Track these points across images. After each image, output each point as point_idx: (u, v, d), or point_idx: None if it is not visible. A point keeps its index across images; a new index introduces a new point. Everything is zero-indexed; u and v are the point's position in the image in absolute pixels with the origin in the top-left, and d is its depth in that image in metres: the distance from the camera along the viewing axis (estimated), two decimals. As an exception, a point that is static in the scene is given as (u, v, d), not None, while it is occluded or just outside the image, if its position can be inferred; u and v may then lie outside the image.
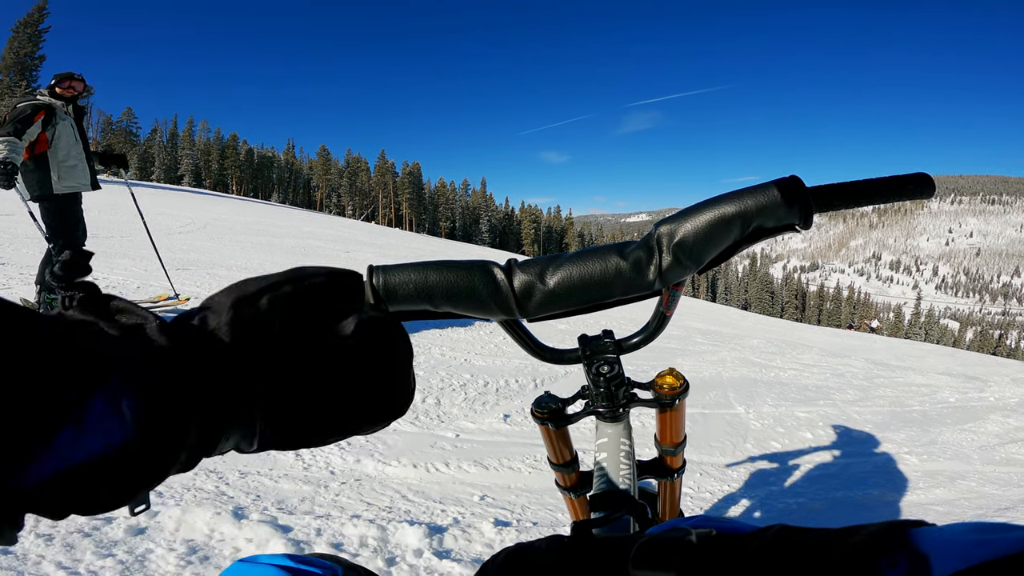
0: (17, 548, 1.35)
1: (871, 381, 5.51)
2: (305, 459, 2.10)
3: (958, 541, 0.15)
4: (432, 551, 1.55)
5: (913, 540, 0.16)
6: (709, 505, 2.18)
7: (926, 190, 0.50)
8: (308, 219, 24.30)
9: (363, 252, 12.59)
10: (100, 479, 0.19)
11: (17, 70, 35.59)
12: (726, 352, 6.15)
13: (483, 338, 4.56)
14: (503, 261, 0.50)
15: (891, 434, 3.53)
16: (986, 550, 0.15)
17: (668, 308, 0.57)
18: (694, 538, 0.23)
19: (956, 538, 0.16)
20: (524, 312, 0.50)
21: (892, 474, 2.83)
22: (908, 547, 0.16)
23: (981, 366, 8.51)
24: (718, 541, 0.22)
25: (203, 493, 1.74)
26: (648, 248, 0.48)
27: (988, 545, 0.15)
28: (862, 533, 0.18)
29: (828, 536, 0.19)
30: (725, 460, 2.69)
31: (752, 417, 3.46)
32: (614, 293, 0.49)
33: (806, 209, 0.47)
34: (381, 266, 0.49)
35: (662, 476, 0.79)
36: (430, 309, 0.50)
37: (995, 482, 2.82)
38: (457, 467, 2.18)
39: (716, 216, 0.46)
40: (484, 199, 77.58)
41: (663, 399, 0.67)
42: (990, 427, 4.00)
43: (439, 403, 2.89)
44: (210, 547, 1.46)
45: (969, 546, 0.15)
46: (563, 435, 0.73)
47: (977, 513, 2.38)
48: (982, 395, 5.41)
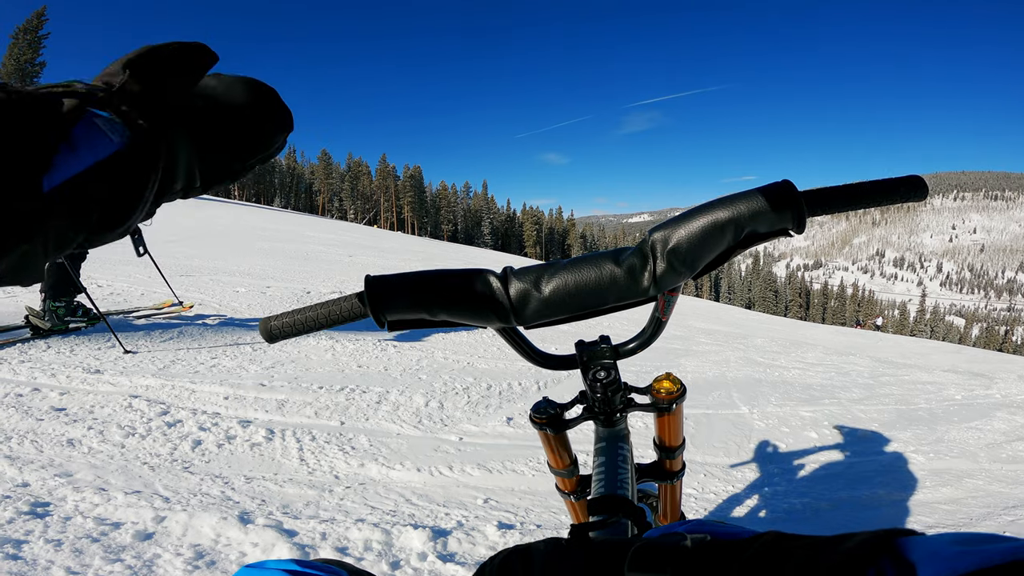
0: (27, 553, 1.36)
1: (876, 379, 5.48)
2: (309, 464, 2.11)
3: (944, 551, 0.16)
4: (436, 554, 1.55)
5: (901, 549, 0.17)
6: (714, 506, 2.17)
7: (919, 193, 0.50)
8: (310, 224, 24.35)
9: (366, 256, 12.61)
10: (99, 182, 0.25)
11: (18, 77, 35.80)
12: (730, 352, 6.13)
13: (486, 341, 4.56)
14: (499, 269, 0.50)
15: (897, 433, 3.51)
16: (971, 560, 0.15)
17: (664, 313, 0.58)
18: (689, 543, 0.23)
19: (942, 548, 0.16)
20: (520, 320, 0.50)
21: (898, 473, 2.82)
22: (896, 556, 0.16)
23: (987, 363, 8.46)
24: (712, 547, 0.23)
25: (209, 498, 1.75)
26: (642, 255, 0.48)
27: (973, 556, 0.15)
28: (852, 541, 0.18)
29: (819, 544, 0.19)
30: (729, 461, 2.68)
31: (756, 417, 3.45)
32: (609, 300, 0.50)
33: (799, 214, 0.47)
34: (378, 276, 0.50)
35: (662, 479, 0.80)
36: (427, 318, 0.51)
37: (1002, 480, 2.81)
38: (461, 470, 2.19)
39: (709, 222, 0.47)
40: (486, 201, 77.62)
41: (660, 404, 0.68)
42: (997, 424, 3.98)
43: (442, 407, 2.89)
44: (216, 552, 1.47)
45: (955, 556, 0.15)
46: (562, 440, 0.73)
47: (984, 512, 2.37)
48: (988, 392, 5.38)
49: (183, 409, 2.45)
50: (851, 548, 0.18)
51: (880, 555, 0.17)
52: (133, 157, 0.26)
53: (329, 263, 10.10)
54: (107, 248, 6.48)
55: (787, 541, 0.21)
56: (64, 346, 3.15)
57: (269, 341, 0.54)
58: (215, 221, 15.94)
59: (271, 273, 7.47)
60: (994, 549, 0.15)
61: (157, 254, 4.90)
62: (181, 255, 7.96)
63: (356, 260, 11.34)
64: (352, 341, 3.97)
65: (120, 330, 3.46)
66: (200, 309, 4.54)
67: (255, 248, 10.50)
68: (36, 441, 2.01)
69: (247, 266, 7.77)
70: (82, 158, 0.24)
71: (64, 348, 3.11)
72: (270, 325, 0.53)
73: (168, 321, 4.02)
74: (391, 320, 0.51)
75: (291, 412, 2.58)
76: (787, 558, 0.19)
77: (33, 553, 1.37)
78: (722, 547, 0.23)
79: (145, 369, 2.91)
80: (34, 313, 3.33)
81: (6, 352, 2.94)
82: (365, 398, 2.88)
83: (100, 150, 0.25)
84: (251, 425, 2.37)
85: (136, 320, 3.95)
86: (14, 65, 35.88)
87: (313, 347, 3.73)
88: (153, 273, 4.99)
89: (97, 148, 0.25)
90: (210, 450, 2.12)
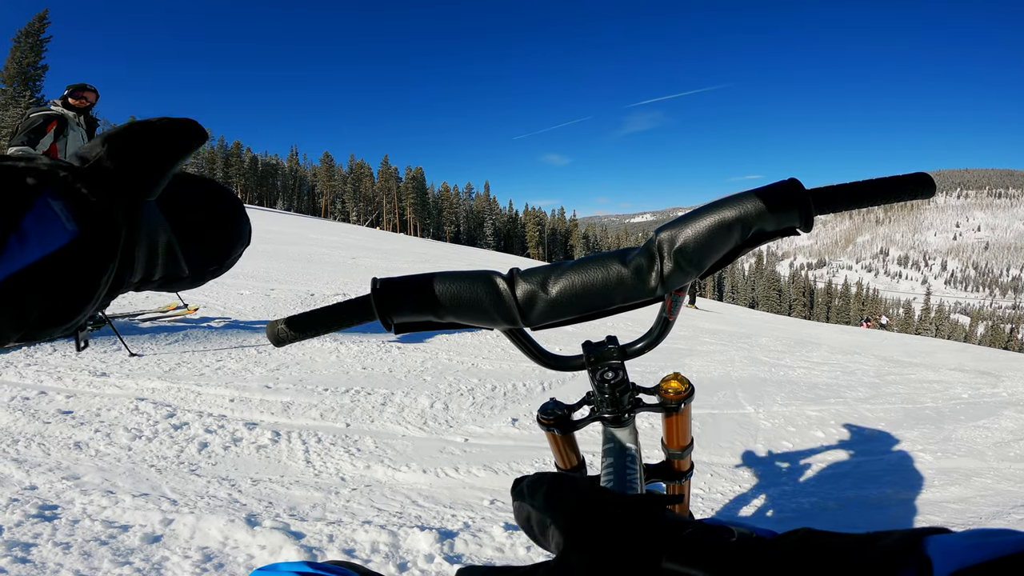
0: (36, 557, 1.37)
1: (882, 378, 5.46)
2: (316, 466, 2.11)
3: (957, 544, 0.17)
4: (443, 556, 1.55)
5: (924, 547, 0.17)
6: (721, 506, 2.17)
7: (926, 190, 0.50)
8: (313, 226, 24.42)
9: (369, 258, 12.64)
10: (46, 277, 0.22)
11: (20, 80, 35.95)
12: (734, 351, 6.11)
13: (490, 342, 4.56)
14: (505, 271, 0.50)
15: (904, 432, 3.49)
16: (982, 552, 0.16)
17: (671, 313, 0.58)
18: (735, 537, 0.23)
19: (956, 542, 0.17)
20: (527, 321, 0.50)
21: (906, 472, 2.80)
22: (920, 554, 0.17)
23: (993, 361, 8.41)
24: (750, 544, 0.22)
25: (216, 501, 1.76)
26: (649, 254, 0.48)
27: (985, 548, 0.16)
28: (886, 540, 0.19)
29: (852, 542, 0.20)
30: (736, 460, 2.67)
31: (762, 417, 3.44)
32: (616, 300, 0.50)
33: (806, 212, 0.47)
34: (385, 279, 0.50)
35: (670, 479, 0.79)
36: (434, 320, 0.51)
37: (1011, 479, 2.79)
38: (467, 472, 2.19)
39: (716, 221, 0.47)
40: (488, 202, 77.67)
41: (668, 403, 0.68)
42: (1004, 423, 3.95)
43: (447, 408, 2.89)
44: (224, 554, 1.48)
45: (967, 549, 0.16)
46: (569, 440, 0.73)
47: (993, 511, 2.35)
48: (995, 390, 5.34)
49: (189, 411, 2.46)
50: (886, 546, 0.18)
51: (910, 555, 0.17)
52: (90, 247, 0.23)
53: (332, 265, 10.13)
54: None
55: (819, 539, 0.21)
56: (70, 349, 3.16)
57: (276, 344, 0.54)
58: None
59: (275, 276, 7.49)
60: (1005, 540, 0.16)
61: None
62: (185, 258, 7.98)
63: (359, 262, 11.36)
64: (356, 343, 3.98)
65: (125, 333, 3.47)
66: (204, 312, 4.55)
67: (258, 251, 10.53)
68: (43, 444, 2.02)
69: (250, 269, 7.80)
70: (29, 251, 0.21)
71: (70, 351, 3.13)
72: (277, 328, 0.53)
73: (173, 324, 4.04)
74: (398, 322, 0.51)
75: (297, 414, 2.59)
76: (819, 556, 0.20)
77: (42, 556, 1.37)
78: (755, 544, 0.22)
79: (151, 372, 2.92)
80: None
81: (13, 355, 2.96)
82: (370, 400, 2.88)
83: (52, 240, 0.22)
84: (257, 427, 2.38)
85: (141, 323, 3.97)
86: (16, 68, 36.05)
87: (318, 349, 3.74)
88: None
89: (48, 239, 0.22)
90: (216, 452, 2.13)
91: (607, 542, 0.25)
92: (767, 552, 0.21)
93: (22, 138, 3.26)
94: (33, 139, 3.28)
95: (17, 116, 34.78)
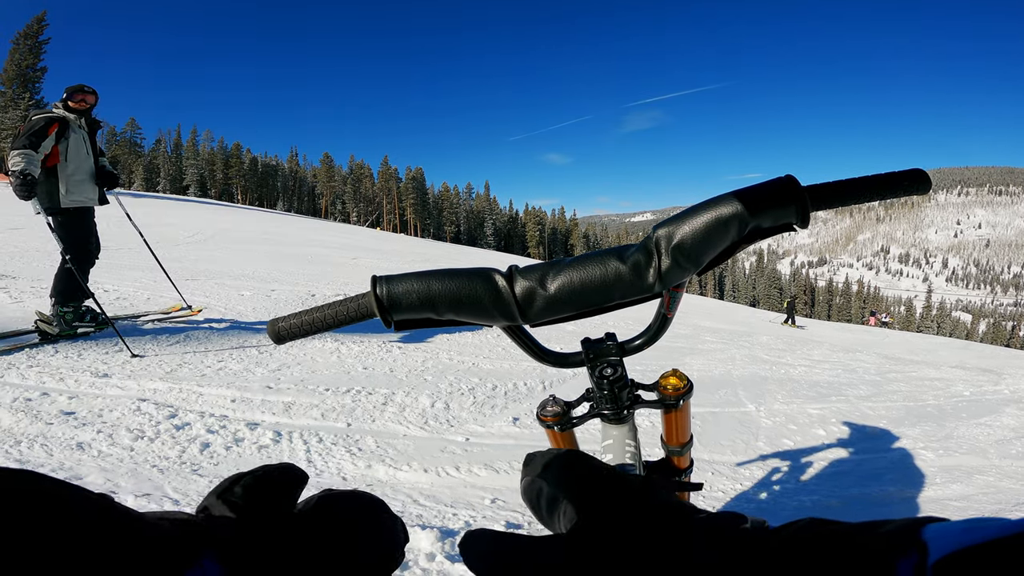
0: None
1: (884, 376, 5.46)
2: (317, 465, 2.11)
3: (953, 530, 0.17)
4: (444, 555, 1.56)
5: (922, 533, 0.18)
6: (722, 504, 2.17)
7: (922, 186, 0.50)
8: (313, 227, 24.45)
9: (369, 258, 12.65)
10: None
11: (20, 82, 36.01)
12: (735, 350, 6.11)
13: (490, 342, 4.57)
14: (504, 268, 0.51)
15: (906, 429, 3.49)
16: (976, 535, 0.16)
17: (669, 310, 0.58)
18: (749, 525, 0.23)
19: (952, 528, 0.18)
20: (526, 318, 0.51)
21: (908, 470, 2.80)
22: (918, 539, 0.18)
23: (995, 358, 8.40)
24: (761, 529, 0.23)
25: (217, 501, 1.76)
26: (647, 251, 0.48)
27: (978, 531, 0.17)
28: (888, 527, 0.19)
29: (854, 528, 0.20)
30: (737, 459, 2.67)
31: (763, 415, 3.44)
32: (615, 297, 0.50)
33: (803, 208, 0.47)
34: (385, 276, 0.50)
35: (670, 476, 0.79)
36: (433, 317, 0.51)
37: (1013, 476, 2.79)
38: (468, 471, 2.19)
39: (713, 218, 0.47)
40: (488, 202, 77.71)
41: (667, 400, 0.68)
42: (1006, 420, 3.95)
43: (448, 407, 2.90)
44: (226, 554, 1.48)
45: (962, 533, 0.17)
46: (569, 437, 0.73)
47: (995, 508, 2.35)
48: (997, 388, 5.34)
49: (191, 412, 2.47)
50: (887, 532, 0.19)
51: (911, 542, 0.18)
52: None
53: (333, 266, 10.14)
54: (113, 253, 6.52)
55: (821, 526, 0.21)
56: (72, 351, 3.17)
57: (277, 342, 0.55)
58: (219, 226, 16.02)
59: (276, 276, 7.50)
60: (996, 525, 0.16)
61: (163, 258, 4.93)
62: (186, 259, 8.01)
63: (360, 263, 11.37)
64: (357, 343, 3.98)
65: (127, 334, 3.48)
66: (206, 313, 4.56)
67: (259, 252, 10.55)
68: (46, 445, 2.02)
69: (251, 269, 7.81)
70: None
71: (72, 353, 3.14)
72: (278, 326, 0.54)
73: (174, 325, 4.05)
74: (398, 320, 0.51)
75: (298, 414, 2.59)
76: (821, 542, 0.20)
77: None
78: (765, 529, 0.23)
79: (153, 373, 2.93)
80: (43, 318, 3.35)
81: (15, 357, 2.96)
82: (371, 400, 2.88)
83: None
84: (258, 427, 2.38)
85: (143, 324, 3.98)
86: (15, 71, 36.10)
87: (319, 349, 3.75)
88: (159, 278, 5.02)
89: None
90: (218, 452, 2.13)
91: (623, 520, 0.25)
92: (776, 535, 0.22)
93: (24, 140, 3.26)
94: (35, 142, 3.28)
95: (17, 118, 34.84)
